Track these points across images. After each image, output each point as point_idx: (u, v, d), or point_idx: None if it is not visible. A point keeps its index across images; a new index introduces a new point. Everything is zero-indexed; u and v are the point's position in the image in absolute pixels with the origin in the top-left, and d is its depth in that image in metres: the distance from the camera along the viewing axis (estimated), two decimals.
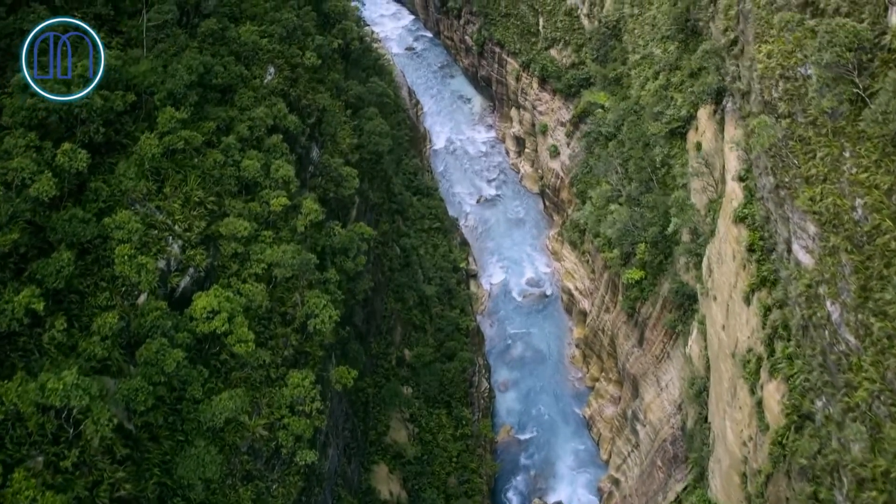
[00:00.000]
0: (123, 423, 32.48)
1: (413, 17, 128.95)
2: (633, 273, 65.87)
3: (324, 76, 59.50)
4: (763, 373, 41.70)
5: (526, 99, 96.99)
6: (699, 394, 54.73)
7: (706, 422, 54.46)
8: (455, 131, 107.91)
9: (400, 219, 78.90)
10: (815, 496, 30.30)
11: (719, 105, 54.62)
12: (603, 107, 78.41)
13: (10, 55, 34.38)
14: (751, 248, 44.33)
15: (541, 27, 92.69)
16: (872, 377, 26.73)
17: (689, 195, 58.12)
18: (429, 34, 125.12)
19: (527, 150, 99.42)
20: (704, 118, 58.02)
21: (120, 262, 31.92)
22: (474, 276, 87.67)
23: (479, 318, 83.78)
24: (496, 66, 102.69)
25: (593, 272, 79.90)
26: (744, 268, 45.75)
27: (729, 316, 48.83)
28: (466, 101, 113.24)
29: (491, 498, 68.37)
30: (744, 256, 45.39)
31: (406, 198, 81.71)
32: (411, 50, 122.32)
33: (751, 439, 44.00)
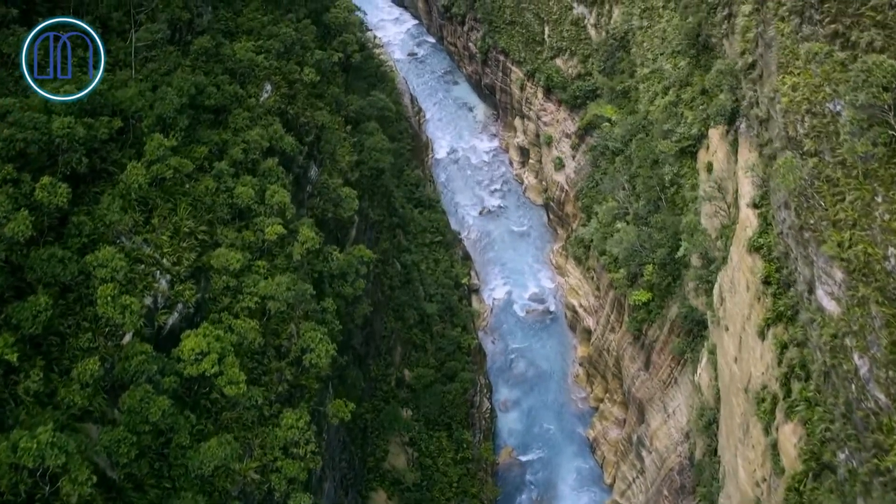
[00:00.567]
0: (106, 472, 30.69)
1: (416, 21, 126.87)
2: (641, 294, 63.99)
3: (323, 90, 57.57)
4: (779, 413, 39.84)
5: (530, 109, 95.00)
6: (708, 425, 52.87)
7: (716, 455, 52.61)
8: (458, 140, 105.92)
9: (401, 233, 77.04)
10: None
11: (732, 125, 52.68)
12: (610, 120, 76.44)
13: None
14: (766, 280, 42.46)
15: (546, 36, 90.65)
16: None
17: (700, 218, 56.22)
18: (432, 39, 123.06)
19: (531, 161, 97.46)
20: (716, 138, 56.08)
21: (103, 302, 30.05)
22: (476, 291, 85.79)
23: (480, 334, 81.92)
24: (500, 74, 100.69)
25: (598, 289, 77.99)
26: (758, 300, 43.87)
27: (742, 349, 46.95)
28: (469, 109, 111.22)
29: None
30: (759, 288, 43.50)
31: (407, 211, 79.83)
32: (414, 56, 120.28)
33: (764, 480, 42.14)
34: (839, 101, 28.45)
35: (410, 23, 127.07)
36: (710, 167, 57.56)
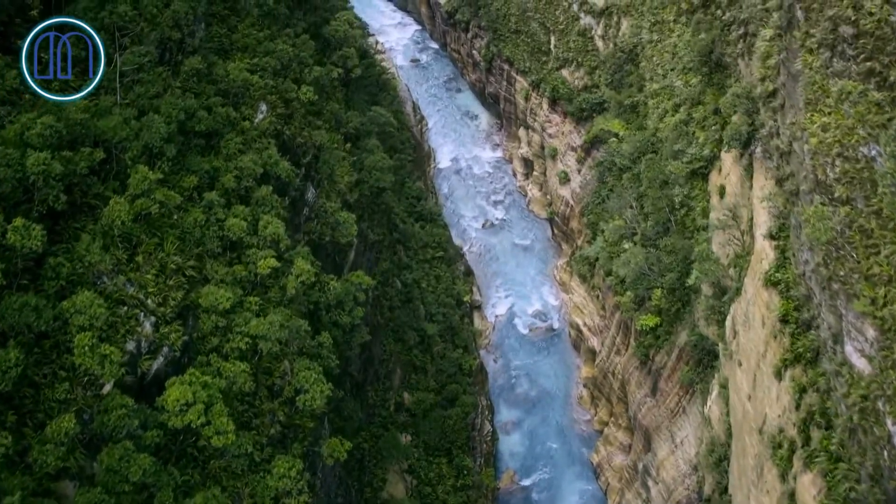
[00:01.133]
0: None
1: (419, 27, 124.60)
2: (648, 319, 61.87)
3: (322, 107, 55.42)
4: (797, 461, 37.73)
5: (535, 120, 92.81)
6: (719, 462, 50.77)
7: (726, 492, 50.57)
8: (461, 150, 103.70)
9: (402, 249, 74.95)
10: None
11: (746, 149, 50.51)
12: (617, 135, 74.24)
13: None
14: (784, 318, 40.33)
15: (552, 46, 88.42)
16: None
17: (712, 245, 54.10)
18: (435, 45, 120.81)
19: (535, 173, 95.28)
20: (729, 160, 53.91)
21: (80, 353, 28.02)
22: (478, 307, 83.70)
23: (482, 352, 79.87)
24: (504, 83, 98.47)
25: (603, 309, 75.89)
26: (774, 338, 41.73)
27: (756, 387, 44.83)
28: (473, 117, 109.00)
29: None
30: (775, 326, 41.38)
31: (409, 226, 77.69)
32: (416, 62, 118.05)
33: None
34: (875, 145, 26.34)
35: (413, 28, 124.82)
36: (722, 191, 55.44)
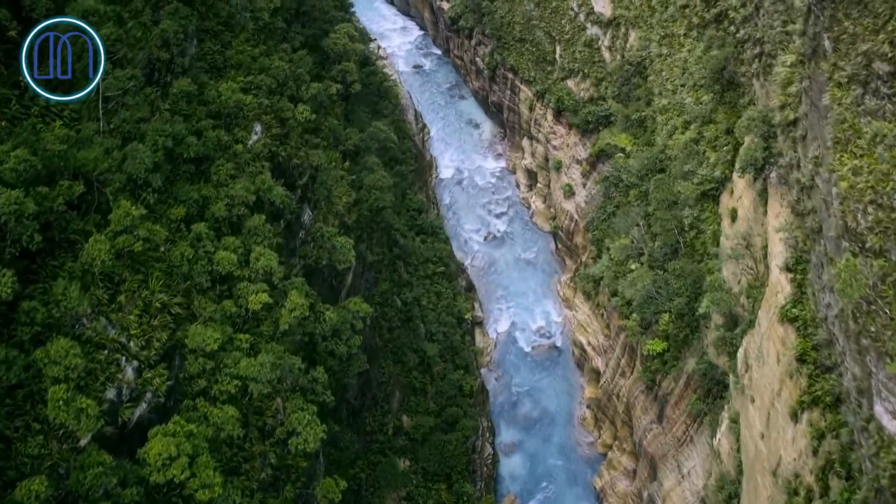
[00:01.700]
0: None
1: (422, 32, 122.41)
2: (655, 344, 59.87)
3: (320, 123, 53.39)
4: None
5: (539, 131, 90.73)
6: (729, 500, 48.81)
7: None
8: (463, 160, 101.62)
9: (402, 265, 72.94)
10: None
11: (761, 173, 48.46)
12: (624, 150, 72.18)
13: None
14: (801, 358, 38.39)
15: (558, 56, 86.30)
16: None
17: (723, 271, 52.10)
18: (438, 51, 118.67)
19: (539, 185, 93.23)
20: (742, 183, 51.88)
21: (53, 407, 26.06)
22: (479, 324, 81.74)
23: (483, 371, 77.94)
24: (508, 92, 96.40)
25: (608, 328, 73.91)
26: (790, 377, 39.75)
27: (770, 426, 42.85)
28: (476, 126, 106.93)
29: None
30: (791, 364, 39.40)
31: (409, 240, 75.69)
32: (419, 68, 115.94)
33: None
34: None
35: (416, 33, 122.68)
36: (734, 214, 53.45)
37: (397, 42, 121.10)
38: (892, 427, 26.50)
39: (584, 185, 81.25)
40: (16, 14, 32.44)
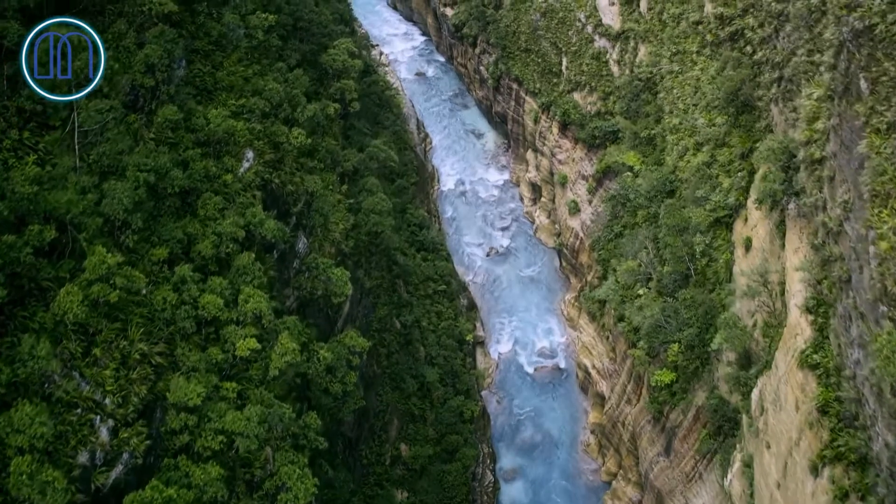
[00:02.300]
0: None
1: (425, 38, 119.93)
2: (663, 375, 57.50)
3: (317, 144, 51.12)
4: None
5: (544, 143, 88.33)
6: None
7: None
8: (466, 171, 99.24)
9: (402, 284, 70.59)
10: None
11: (778, 204, 46.11)
12: (632, 169, 69.80)
13: None
14: (823, 409, 36.09)
15: (564, 68, 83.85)
16: None
17: (736, 305, 49.76)
18: (441, 58, 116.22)
19: (543, 199, 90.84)
20: (757, 212, 49.58)
21: (16, 482, 23.83)
22: (481, 343, 79.45)
23: (484, 393, 75.71)
24: (513, 103, 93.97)
25: (613, 351, 71.56)
26: (811, 427, 37.40)
27: (787, 476, 40.50)
28: (479, 136, 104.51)
29: None
30: (812, 414, 37.10)
31: (409, 259, 73.30)
32: (422, 75, 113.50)
33: None
34: None
35: (419, 39, 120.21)
36: (748, 243, 51.10)
37: (400, 48, 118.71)
38: None
39: (590, 201, 78.89)
40: None
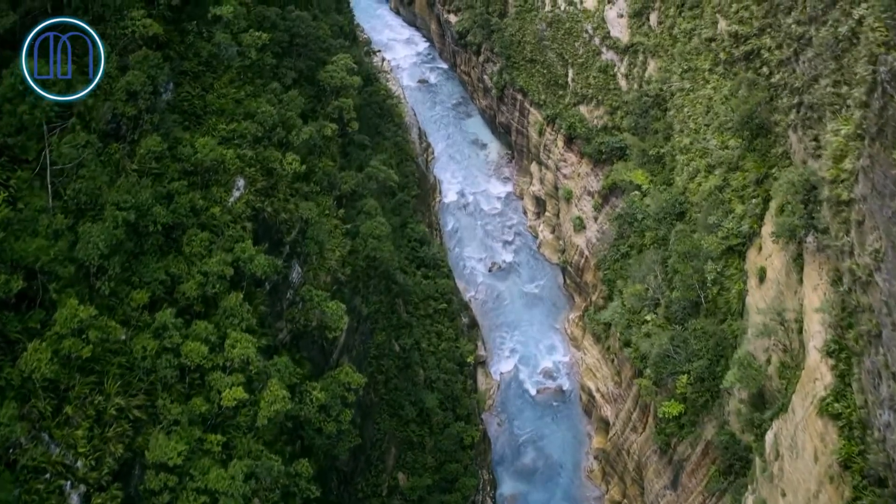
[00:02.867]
0: None
1: (428, 43, 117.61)
2: (671, 406, 55.30)
3: (313, 166, 48.97)
4: None
5: (549, 157, 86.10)
6: None
7: None
8: (468, 182, 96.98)
9: (401, 304, 68.42)
10: None
11: (795, 236, 43.87)
12: (640, 188, 67.57)
13: None
14: (845, 464, 33.98)
15: (570, 80, 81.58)
16: None
17: (750, 343, 47.55)
18: (444, 65, 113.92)
19: (547, 214, 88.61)
20: (772, 243, 47.33)
21: None
22: (482, 363, 77.35)
23: (485, 415, 73.63)
24: (517, 114, 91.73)
25: (619, 375, 69.38)
26: (831, 480, 35.27)
27: None
28: (482, 146, 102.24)
29: None
30: (832, 467, 34.98)
31: (409, 277, 71.08)
32: (424, 82, 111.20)
33: None
34: None
35: (422, 45, 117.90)
36: (762, 273, 48.91)
37: (402, 53, 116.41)
38: None
39: (596, 219, 76.69)
40: None
